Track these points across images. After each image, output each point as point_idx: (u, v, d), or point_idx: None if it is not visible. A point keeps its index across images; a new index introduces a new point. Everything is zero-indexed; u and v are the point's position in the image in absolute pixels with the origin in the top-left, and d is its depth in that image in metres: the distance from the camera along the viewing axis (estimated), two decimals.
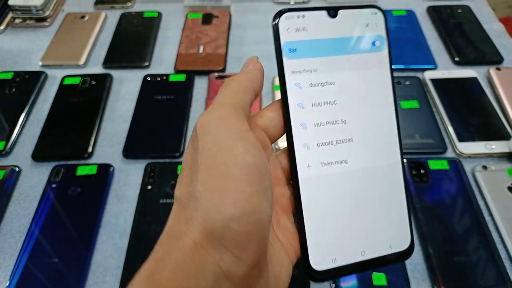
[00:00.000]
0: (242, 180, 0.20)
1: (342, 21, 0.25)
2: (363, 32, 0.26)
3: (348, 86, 0.25)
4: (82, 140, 0.55)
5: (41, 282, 0.43)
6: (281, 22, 0.24)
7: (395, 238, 0.25)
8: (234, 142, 0.20)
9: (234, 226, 0.19)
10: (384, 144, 0.26)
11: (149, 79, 0.63)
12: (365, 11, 0.26)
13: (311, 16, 0.25)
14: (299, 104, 0.24)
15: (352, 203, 0.25)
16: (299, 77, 0.24)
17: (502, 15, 1.17)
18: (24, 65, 0.67)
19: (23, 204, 0.49)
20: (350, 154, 0.24)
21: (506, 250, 0.44)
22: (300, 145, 0.24)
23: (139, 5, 0.78)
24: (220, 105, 0.22)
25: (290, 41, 0.24)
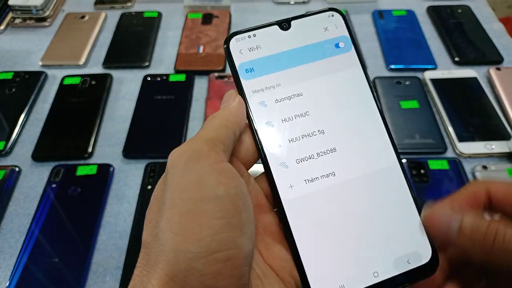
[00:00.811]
0: (210, 215, 0.18)
1: (297, 31, 0.24)
2: (322, 37, 0.25)
3: (318, 93, 0.24)
4: (82, 140, 0.55)
5: (41, 282, 0.43)
6: (232, 45, 0.24)
7: (412, 250, 0.22)
8: (205, 174, 0.19)
9: (199, 266, 0.17)
10: (373, 147, 0.23)
11: (149, 79, 0.63)
12: (320, 16, 0.25)
13: (262, 33, 0.24)
14: (267, 122, 0.23)
15: (350, 218, 0.22)
16: (262, 95, 0.23)
17: (502, 15, 1.17)
18: (24, 65, 0.67)
19: (23, 204, 0.49)
20: (335, 165, 0.23)
21: None
22: (277, 165, 0.22)
23: (139, 5, 0.78)
24: (195, 139, 0.21)
25: (244, 61, 0.24)
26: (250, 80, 0.23)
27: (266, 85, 0.23)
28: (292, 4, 0.77)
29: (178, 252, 0.17)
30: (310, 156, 0.23)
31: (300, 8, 0.76)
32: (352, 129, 0.23)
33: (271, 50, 0.24)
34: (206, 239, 0.17)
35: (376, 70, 0.64)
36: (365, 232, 0.22)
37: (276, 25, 0.24)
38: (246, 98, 0.23)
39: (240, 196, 0.19)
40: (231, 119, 0.22)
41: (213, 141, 0.20)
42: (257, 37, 0.24)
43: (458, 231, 0.18)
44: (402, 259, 0.22)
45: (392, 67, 0.64)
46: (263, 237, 0.22)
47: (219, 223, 0.18)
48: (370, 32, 0.71)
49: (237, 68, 0.24)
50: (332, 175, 0.22)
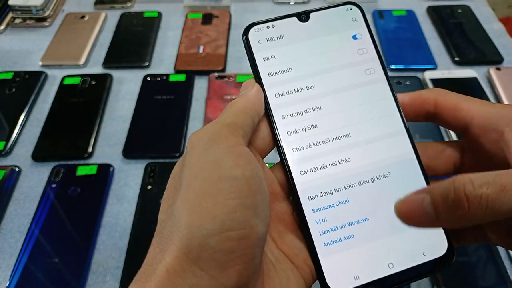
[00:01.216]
0: (225, 194, 0.18)
1: (316, 23, 0.25)
2: (340, 29, 0.25)
3: (335, 85, 0.24)
4: (82, 140, 0.55)
5: (41, 282, 0.43)
6: (251, 34, 0.24)
7: (428, 242, 0.22)
8: (223, 156, 0.19)
9: (212, 243, 0.17)
10: (389, 136, 0.23)
11: (149, 79, 0.63)
12: (338, 9, 0.25)
13: (281, 24, 0.24)
14: (284, 112, 0.23)
15: (365, 208, 0.22)
16: (280, 85, 0.24)
17: (502, 15, 1.17)
18: (24, 65, 0.67)
19: (23, 204, 0.49)
20: (351, 151, 0.23)
21: (506, 250, 0.44)
22: (292, 153, 0.23)
23: (139, 5, 0.78)
24: (215, 123, 0.21)
25: (263, 51, 0.24)
26: (268, 70, 0.24)
27: (284, 76, 0.24)
28: (292, 4, 0.77)
29: (193, 229, 0.18)
30: (325, 143, 0.23)
31: (300, 8, 0.75)
32: (368, 117, 0.24)
33: (289, 41, 0.24)
34: (220, 217, 0.18)
35: None
36: (380, 223, 0.22)
37: (294, 17, 0.25)
38: (264, 88, 0.23)
39: (256, 179, 0.20)
40: (250, 106, 0.22)
41: (232, 126, 0.21)
42: (275, 28, 0.24)
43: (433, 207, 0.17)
44: (417, 251, 0.21)
45: (392, 67, 0.64)
46: (276, 225, 0.23)
47: (234, 203, 0.18)
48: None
49: (255, 58, 0.24)
50: (347, 160, 0.23)
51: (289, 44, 0.24)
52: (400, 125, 0.24)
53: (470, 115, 0.22)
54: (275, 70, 0.24)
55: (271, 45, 0.24)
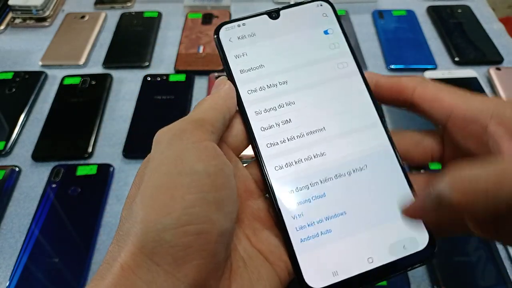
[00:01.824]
0: (184, 189, 0.18)
1: (287, 20, 0.25)
2: (311, 25, 0.25)
3: (307, 80, 0.24)
4: (82, 140, 0.55)
5: (41, 282, 0.43)
6: (222, 33, 0.24)
7: (408, 236, 0.21)
8: (185, 150, 0.19)
9: (168, 237, 0.17)
10: (365, 129, 0.23)
11: (149, 79, 0.63)
12: (309, 5, 0.25)
13: (252, 23, 0.25)
14: (256, 108, 0.23)
15: (343, 202, 0.22)
16: (251, 82, 0.24)
17: (502, 15, 1.17)
18: (24, 65, 0.67)
19: (23, 204, 0.49)
20: (326, 145, 0.23)
21: (506, 250, 0.44)
22: (266, 148, 0.23)
23: (139, 5, 0.78)
24: (182, 119, 0.21)
25: (234, 49, 0.24)
26: (240, 67, 0.24)
27: (255, 72, 0.24)
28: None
29: (148, 223, 0.17)
30: (300, 137, 0.23)
31: None
32: (342, 110, 0.24)
33: (260, 38, 0.24)
34: (177, 212, 0.17)
35: (376, 70, 0.64)
36: (358, 216, 0.22)
37: (265, 15, 0.25)
38: (236, 85, 0.24)
39: (220, 175, 0.19)
40: (220, 103, 0.22)
41: (199, 121, 0.21)
42: (246, 26, 0.25)
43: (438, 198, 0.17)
44: (398, 245, 0.21)
45: (392, 67, 0.64)
46: (251, 222, 0.22)
47: (193, 197, 0.18)
48: (370, 32, 0.71)
49: (226, 56, 0.24)
50: (323, 155, 0.23)
51: (260, 41, 0.24)
52: (375, 117, 0.24)
53: (450, 107, 0.22)
54: (246, 67, 0.24)
55: (242, 43, 0.24)
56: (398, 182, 0.22)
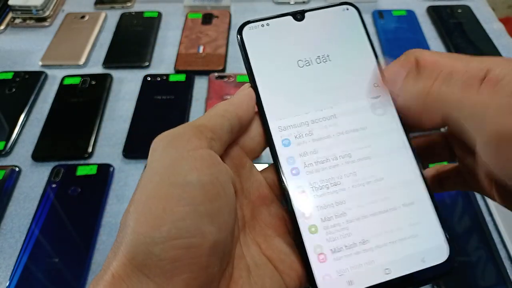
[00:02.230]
0: (176, 201, 0.18)
1: (311, 23, 0.24)
2: (335, 29, 0.24)
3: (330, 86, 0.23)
4: (82, 140, 0.55)
5: (41, 282, 0.43)
6: (245, 33, 0.24)
7: (428, 248, 0.21)
8: (181, 160, 0.19)
9: (157, 251, 0.17)
10: (385, 130, 0.23)
11: (149, 79, 0.63)
12: (334, 9, 0.25)
13: (276, 23, 0.24)
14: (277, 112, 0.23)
15: (361, 211, 0.21)
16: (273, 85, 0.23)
17: (502, 15, 1.17)
18: (24, 65, 0.67)
19: (23, 204, 0.49)
20: (347, 149, 0.22)
21: (506, 250, 0.44)
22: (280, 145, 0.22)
23: (139, 5, 0.78)
24: (183, 125, 0.20)
25: (257, 51, 0.23)
26: (263, 69, 0.23)
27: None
28: (292, 4, 0.77)
29: (138, 235, 0.17)
30: (319, 138, 0.22)
31: (300, 8, 0.75)
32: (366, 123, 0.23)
33: (284, 41, 0.24)
34: (167, 225, 0.17)
35: None
36: (377, 226, 0.21)
37: (290, 16, 0.24)
38: (258, 88, 0.23)
39: (214, 184, 0.19)
40: (230, 109, 0.22)
41: (199, 128, 0.20)
42: (270, 27, 0.24)
43: None
44: (416, 257, 0.20)
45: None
46: (263, 229, 0.22)
47: (184, 210, 0.18)
48: (370, 32, 0.71)
49: (249, 58, 0.23)
50: (344, 156, 0.22)
51: (284, 43, 0.24)
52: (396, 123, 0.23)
53: (449, 69, 0.21)
54: (269, 70, 0.23)
55: (266, 44, 0.24)
56: (421, 194, 0.22)
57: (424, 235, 0.21)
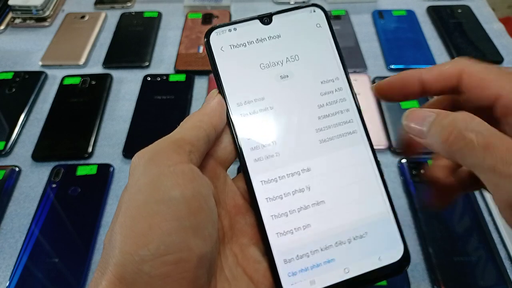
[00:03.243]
0: (161, 217, 0.18)
1: (279, 26, 0.24)
2: (302, 33, 0.24)
3: (297, 91, 0.23)
4: (82, 140, 0.55)
5: (41, 282, 0.43)
6: (212, 39, 0.23)
7: (384, 247, 0.22)
8: (163, 176, 0.19)
9: (147, 269, 0.17)
10: (345, 139, 0.23)
11: (149, 79, 0.63)
12: (301, 11, 0.25)
13: (243, 28, 0.24)
14: (246, 120, 0.23)
15: (323, 215, 0.22)
16: (241, 92, 0.23)
17: (502, 15, 1.17)
18: (24, 65, 0.67)
19: (23, 204, 0.49)
20: (310, 161, 0.23)
21: (506, 250, 0.44)
22: (252, 161, 0.22)
23: (139, 5, 0.78)
24: (161, 140, 0.21)
25: (225, 56, 0.23)
26: (230, 75, 0.23)
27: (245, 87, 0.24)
28: (292, 4, 0.77)
29: (126, 255, 0.17)
30: (285, 151, 0.22)
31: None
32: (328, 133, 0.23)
33: (252, 45, 0.24)
34: (154, 242, 0.17)
35: (376, 70, 0.64)
36: (337, 228, 0.22)
37: (257, 19, 0.24)
38: (226, 95, 0.23)
39: (197, 198, 0.19)
40: (205, 119, 0.22)
41: (178, 142, 0.20)
42: (238, 31, 0.24)
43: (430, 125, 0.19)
44: (373, 256, 0.22)
45: (392, 67, 0.64)
46: (239, 238, 0.22)
47: (170, 225, 0.18)
48: (370, 32, 0.71)
49: (217, 64, 0.23)
50: (307, 170, 0.22)
51: (252, 47, 0.24)
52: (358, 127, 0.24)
53: (497, 93, 0.20)
54: (237, 76, 0.23)
55: (234, 54, 0.23)
56: (378, 196, 0.23)
57: (380, 236, 0.22)
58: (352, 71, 0.63)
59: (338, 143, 0.23)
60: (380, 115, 0.57)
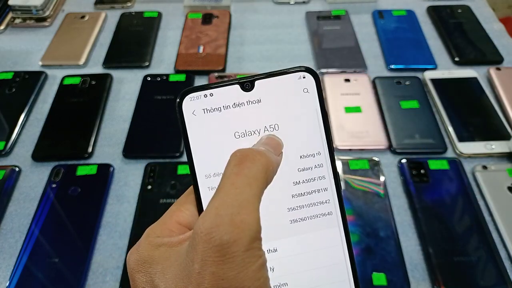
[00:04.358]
0: None
1: (261, 93, 0.21)
2: (287, 103, 0.21)
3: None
4: (82, 140, 0.55)
5: (41, 282, 0.43)
6: (185, 104, 0.21)
7: None
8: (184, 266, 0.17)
9: None
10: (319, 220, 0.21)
11: (149, 79, 0.63)
12: (288, 76, 0.21)
13: (220, 93, 0.21)
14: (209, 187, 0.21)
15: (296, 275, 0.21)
16: (212, 164, 0.21)
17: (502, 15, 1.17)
18: (24, 65, 0.67)
19: (23, 204, 0.49)
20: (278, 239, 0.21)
21: (506, 250, 0.44)
22: None
23: (139, 5, 0.78)
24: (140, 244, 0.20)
25: (196, 121, 0.21)
26: (202, 149, 0.21)
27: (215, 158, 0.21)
28: (292, 4, 0.77)
29: None
30: None
31: (300, 8, 0.76)
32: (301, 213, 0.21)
33: (228, 113, 0.21)
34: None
35: (376, 70, 0.64)
36: None
37: (237, 84, 0.21)
38: (194, 164, 0.21)
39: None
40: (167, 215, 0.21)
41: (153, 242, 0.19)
42: (214, 98, 0.21)
43: None
44: None
45: (392, 67, 0.64)
46: None
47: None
48: (370, 32, 0.71)
49: (187, 129, 0.21)
50: (274, 251, 0.21)
51: (228, 117, 0.21)
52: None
53: None
54: (208, 144, 0.21)
55: (206, 117, 0.21)
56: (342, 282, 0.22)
57: None
58: (352, 71, 0.63)
59: (310, 224, 0.21)
60: (380, 115, 0.57)
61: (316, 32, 0.70)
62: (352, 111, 0.57)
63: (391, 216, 0.47)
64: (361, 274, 0.42)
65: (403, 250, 0.45)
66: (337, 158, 0.52)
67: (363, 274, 0.42)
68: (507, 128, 0.55)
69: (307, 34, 0.71)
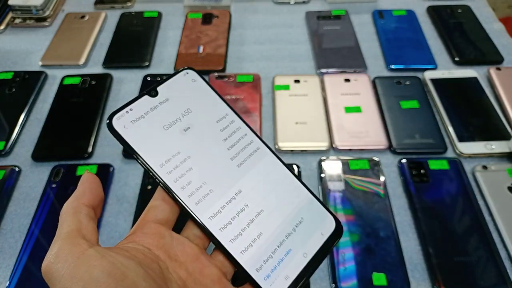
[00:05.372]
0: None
1: (164, 95, 0.27)
2: (184, 93, 0.28)
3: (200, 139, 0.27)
4: (82, 140, 0.55)
5: (41, 282, 0.42)
6: (115, 123, 0.26)
7: (320, 223, 0.27)
8: (78, 266, 0.20)
9: None
10: (254, 156, 0.28)
11: (149, 79, 0.63)
12: (178, 76, 0.29)
13: (137, 106, 0.27)
14: (170, 178, 0.25)
15: (265, 218, 0.26)
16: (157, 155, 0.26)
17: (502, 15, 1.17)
18: (24, 65, 0.67)
19: (23, 204, 0.49)
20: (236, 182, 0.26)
21: (506, 250, 0.44)
22: (194, 205, 0.25)
23: (139, 5, 0.78)
24: (55, 243, 0.22)
25: (130, 131, 0.26)
26: (141, 145, 0.26)
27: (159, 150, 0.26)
28: (292, 4, 0.77)
29: None
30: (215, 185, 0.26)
31: (300, 8, 0.76)
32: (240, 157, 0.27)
33: (150, 116, 0.27)
34: None
35: (376, 70, 0.64)
36: (281, 224, 0.26)
37: (146, 95, 0.27)
38: (146, 162, 0.25)
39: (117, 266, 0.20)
40: (78, 204, 0.24)
41: (69, 235, 0.22)
42: (134, 111, 0.26)
43: None
44: (316, 233, 0.26)
45: (392, 67, 0.64)
46: (202, 281, 0.23)
47: None
48: (370, 32, 0.71)
49: (126, 140, 0.25)
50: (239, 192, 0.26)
51: (152, 121, 0.26)
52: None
53: None
54: (148, 146, 0.26)
55: (135, 127, 0.26)
56: (295, 188, 0.28)
57: (314, 216, 0.27)
58: (352, 71, 0.63)
59: (250, 161, 0.27)
60: (380, 115, 0.57)
61: (316, 32, 0.70)
62: (352, 111, 0.57)
63: (391, 216, 0.47)
64: (361, 274, 0.42)
65: (403, 250, 0.45)
66: (337, 158, 0.52)
67: (363, 274, 0.42)
68: (507, 128, 0.55)
69: (307, 34, 0.71)
